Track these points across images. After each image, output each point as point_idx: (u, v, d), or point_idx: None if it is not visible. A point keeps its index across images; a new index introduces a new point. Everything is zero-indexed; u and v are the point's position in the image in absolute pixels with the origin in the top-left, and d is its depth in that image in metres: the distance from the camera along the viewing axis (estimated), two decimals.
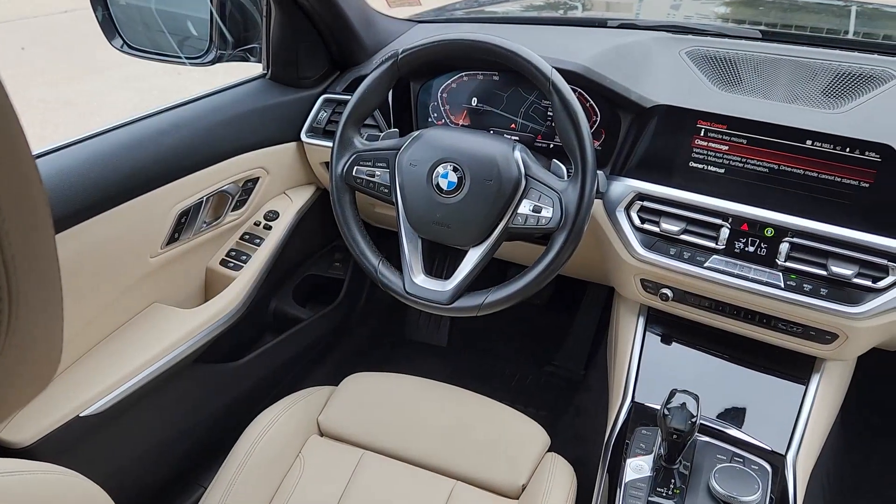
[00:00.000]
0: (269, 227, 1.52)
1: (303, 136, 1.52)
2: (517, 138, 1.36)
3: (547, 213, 1.10)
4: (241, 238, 1.51)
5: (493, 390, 1.35)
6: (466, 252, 1.16)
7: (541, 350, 2.10)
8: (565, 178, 1.14)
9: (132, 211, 1.19)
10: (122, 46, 1.41)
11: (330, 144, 1.23)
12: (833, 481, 1.57)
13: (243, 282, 1.44)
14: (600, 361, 1.67)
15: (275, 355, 1.65)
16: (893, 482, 1.67)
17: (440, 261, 1.91)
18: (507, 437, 1.22)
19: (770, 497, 1.06)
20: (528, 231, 1.13)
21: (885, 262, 1.06)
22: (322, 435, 1.26)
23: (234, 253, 1.48)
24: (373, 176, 1.21)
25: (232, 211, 1.45)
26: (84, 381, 1.17)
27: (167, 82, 5.34)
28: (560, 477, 1.15)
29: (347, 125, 1.22)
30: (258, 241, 1.50)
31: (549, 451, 1.22)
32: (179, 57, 1.45)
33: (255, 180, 1.48)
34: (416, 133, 1.19)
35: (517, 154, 1.13)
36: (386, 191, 1.20)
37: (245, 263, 1.47)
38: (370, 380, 1.34)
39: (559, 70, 1.11)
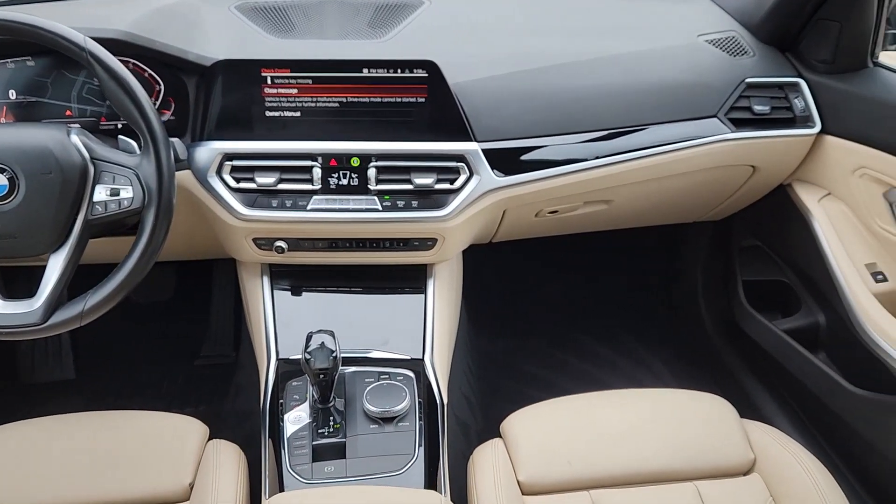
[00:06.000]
0: None
1: None
2: (78, 125, 1.22)
3: (127, 193, 1.01)
4: None
5: (144, 402, 1.23)
6: (47, 261, 1.02)
7: (185, 345, 1.99)
8: (137, 152, 1.05)
9: None
10: None
11: None
12: (474, 371, 1.78)
13: None
14: (247, 336, 1.63)
15: None
16: (524, 356, 1.96)
17: (22, 279, 1.65)
18: (160, 443, 1.13)
19: (418, 400, 1.16)
20: (114, 218, 1.02)
21: (454, 164, 1.20)
22: None
23: None
24: None
25: None
26: None
27: None
28: (226, 461, 1.10)
29: None
30: None
31: (210, 439, 1.16)
32: None
33: None
34: None
35: (75, 138, 1.02)
36: None
37: None
38: None
39: (96, 39, 1.01)
